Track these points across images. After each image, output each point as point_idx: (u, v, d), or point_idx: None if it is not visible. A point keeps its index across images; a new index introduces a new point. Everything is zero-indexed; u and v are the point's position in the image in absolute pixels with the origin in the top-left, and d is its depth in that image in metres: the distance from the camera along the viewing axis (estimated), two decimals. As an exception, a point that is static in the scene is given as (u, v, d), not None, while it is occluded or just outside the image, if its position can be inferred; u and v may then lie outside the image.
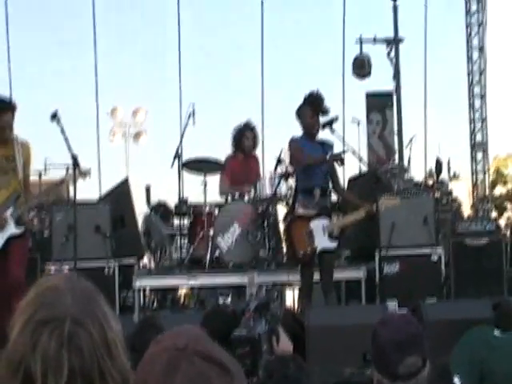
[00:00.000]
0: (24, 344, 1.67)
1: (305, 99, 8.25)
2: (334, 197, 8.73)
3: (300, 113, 8.26)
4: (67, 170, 8.18)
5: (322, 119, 8.26)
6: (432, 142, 14.26)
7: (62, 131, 7.82)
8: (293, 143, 8.36)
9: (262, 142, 11.09)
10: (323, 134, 8.36)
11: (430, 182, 11.72)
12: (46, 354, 1.66)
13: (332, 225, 8.10)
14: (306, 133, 8.29)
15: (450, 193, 11.98)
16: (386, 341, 3.10)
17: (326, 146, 8.32)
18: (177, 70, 14.05)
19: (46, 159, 11.07)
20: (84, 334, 1.68)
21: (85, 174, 7.97)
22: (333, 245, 8.08)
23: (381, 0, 16.15)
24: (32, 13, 15.83)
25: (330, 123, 8.24)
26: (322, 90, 8.44)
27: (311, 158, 8.17)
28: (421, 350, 3.09)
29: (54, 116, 7.83)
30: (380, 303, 8.47)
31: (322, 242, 8.05)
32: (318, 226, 8.05)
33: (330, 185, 8.39)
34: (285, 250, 9.25)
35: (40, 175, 11.01)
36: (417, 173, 12.72)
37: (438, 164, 11.18)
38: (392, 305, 8.18)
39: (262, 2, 14.33)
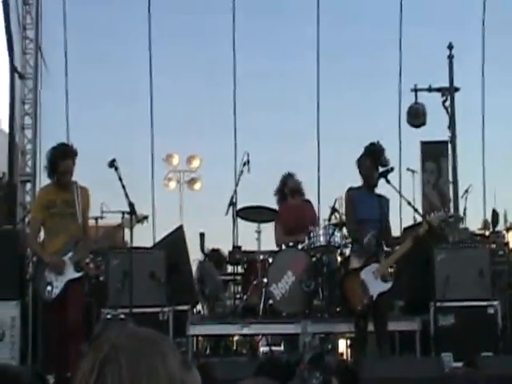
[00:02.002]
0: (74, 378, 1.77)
1: (365, 150, 8.27)
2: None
3: (360, 163, 8.27)
4: (123, 215, 8.29)
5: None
6: (489, 192, 14.11)
7: (120, 179, 7.94)
8: (348, 195, 8.39)
9: (318, 191, 11.11)
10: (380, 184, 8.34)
11: (486, 233, 11.58)
12: (82, 378, 1.73)
13: (382, 267, 8.02)
14: (364, 183, 8.30)
15: (507, 244, 11.82)
16: None
17: (383, 200, 8.31)
18: (231, 118, 14.17)
19: (102, 205, 11.18)
20: (118, 360, 1.73)
21: (141, 220, 8.08)
22: (387, 286, 7.99)
23: (436, 49, 16.13)
24: (90, 63, 16.12)
25: (385, 174, 8.23)
26: (377, 139, 8.46)
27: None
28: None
29: (112, 164, 7.97)
30: (435, 356, 8.35)
31: (376, 287, 7.97)
32: (368, 273, 8.00)
33: None
34: (340, 301, 9.18)
35: (96, 221, 11.14)
36: (473, 223, 12.58)
37: (495, 214, 11.07)
38: (447, 358, 8.07)
39: (318, 51, 14.42)
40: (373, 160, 8.16)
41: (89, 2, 15.60)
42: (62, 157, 7.68)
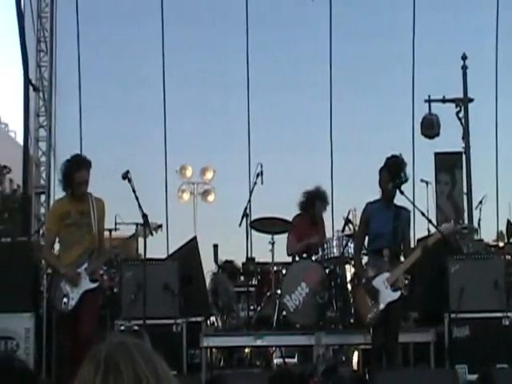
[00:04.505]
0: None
1: (385, 162, 8.22)
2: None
3: (381, 174, 8.22)
4: (137, 226, 8.31)
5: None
6: (503, 203, 14.06)
7: (133, 191, 7.96)
8: (364, 211, 8.35)
9: (332, 202, 11.09)
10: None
11: (501, 244, 11.53)
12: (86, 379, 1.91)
13: (392, 276, 7.98)
14: (382, 196, 8.26)
15: (522, 255, 11.77)
16: None
17: (403, 212, 8.24)
18: (245, 129, 14.19)
19: (116, 217, 11.20)
20: (123, 354, 1.89)
21: (156, 229, 8.09)
22: (396, 294, 7.95)
23: (450, 59, 16.13)
24: (104, 76, 16.20)
25: (398, 185, 8.20)
26: (391, 149, 8.43)
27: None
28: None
29: (126, 176, 7.99)
30: (450, 367, 8.31)
31: (386, 297, 7.94)
32: (379, 282, 7.97)
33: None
34: (353, 311, 9.17)
35: (110, 233, 11.17)
36: (487, 234, 12.54)
37: (509, 225, 11.02)
38: (462, 370, 8.03)
39: (331, 62, 14.43)
40: (391, 174, 8.10)
41: (102, 17, 15.67)
42: (78, 168, 7.70)
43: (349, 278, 9.62)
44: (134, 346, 1.85)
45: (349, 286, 9.48)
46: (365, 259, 8.50)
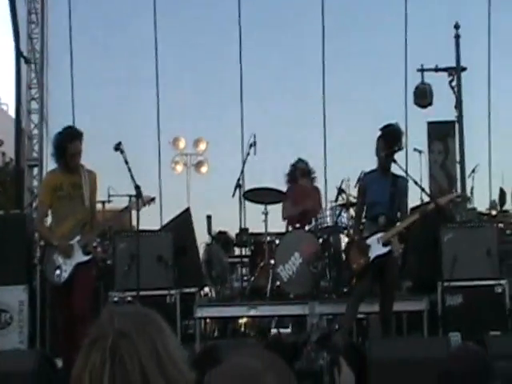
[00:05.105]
0: (79, 365, 1.78)
1: (381, 131, 8.19)
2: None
3: (377, 143, 8.21)
4: (130, 198, 8.30)
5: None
6: (496, 172, 14.07)
7: (126, 162, 7.95)
8: (361, 181, 8.39)
9: (325, 172, 11.11)
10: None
11: (494, 213, 11.56)
12: (93, 369, 1.75)
13: (386, 234, 8.01)
14: (378, 165, 8.26)
15: (514, 223, 11.80)
16: (463, 374, 3.07)
17: (400, 180, 8.25)
18: (238, 100, 14.15)
19: (108, 189, 11.19)
20: (127, 346, 1.76)
21: (148, 202, 8.09)
22: (385, 249, 7.97)
23: (443, 28, 16.07)
24: (96, 48, 16.12)
25: (392, 154, 8.19)
26: (384, 119, 8.41)
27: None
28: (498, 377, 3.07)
29: (118, 147, 7.97)
30: (443, 335, 8.35)
31: (375, 250, 7.98)
32: (373, 240, 8.01)
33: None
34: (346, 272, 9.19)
35: (103, 205, 11.17)
36: (480, 203, 12.55)
37: (502, 194, 11.06)
38: (455, 337, 8.07)
39: (324, 31, 14.36)
40: (387, 143, 8.09)
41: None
42: (71, 139, 7.67)
43: (342, 247, 9.65)
44: (138, 333, 1.78)
45: (342, 256, 9.50)
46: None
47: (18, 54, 12.37)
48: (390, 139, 8.11)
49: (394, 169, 8.29)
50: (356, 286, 8.20)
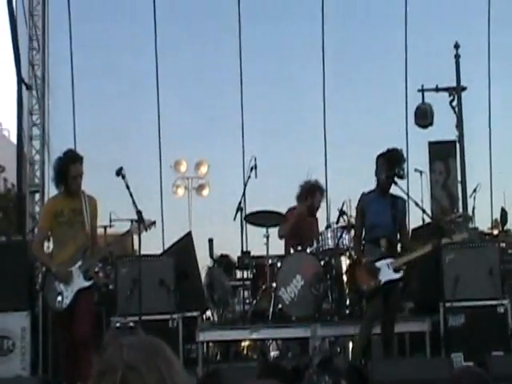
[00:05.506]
0: None
1: (386, 154, 8.19)
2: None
3: (378, 165, 8.22)
4: (132, 223, 8.32)
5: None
6: (497, 191, 14.08)
7: (127, 187, 7.97)
8: (359, 202, 8.37)
9: (326, 193, 11.11)
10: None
11: (496, 232, 11.55)
12: None
13: (397, 261, 8.02)
14: (378, 186, 8.26)
15: (516, 243, 11.78)
16: None
17: (399, 202, 8.26)
18: (239, 123, 14.18)
19: (110, 214, 11.21)
20: (136, 379, 1.76)
21: (149, 226, 8.10)
22: (397, 275, 7.98)
23: (443, 48, 16.13)
24: (97, 73, 16.18)
25: (394, 177, 8.20)
26: (385, 140, 8.43)
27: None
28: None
29: (119, 172, 8.00)
30: (445, 356, 8.33)
31: (386, 275, 7.97)
32: (382, 264, 8.01)
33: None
34: (348, 294, 9.16)
35: (105, 230, 11.18)
36: (482, 223, 12.55)
37: (504, 213, 11.04)
38: (458, 358, 8.05)
39: (324, 53, 14.42)
40: (389, 165, 8.10)
41: (94, 14, 15.65)
42: (72, 162, 7.72)
43: (344, 269, 9.63)
44: (146, 366, 1.78)
45: (344, 278, 9.49)
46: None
47: (20, 80, 12.43)
48: (392, 161, 8.13)
49: (395, 190, 8.31)
50: (368, 309, 8.19)
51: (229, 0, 14.67)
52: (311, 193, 10.24)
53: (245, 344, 10.67)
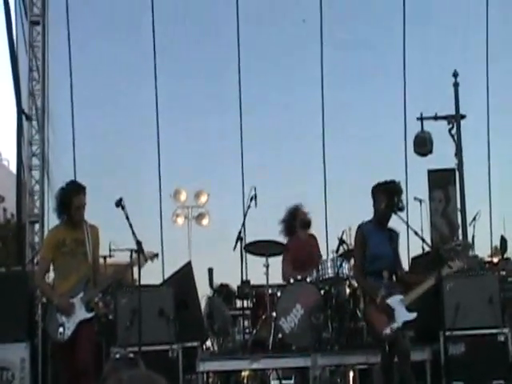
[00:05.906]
0: None
1: (384, 186, 8.16)
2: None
3: (376, 196, 8.21)
4: (131, 253, 8.32)
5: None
6: (497, 219, 14.08)
7: (127, 218, 7.97)
8: (358, 232, 8.25)
9: (326, 222, 11.14)
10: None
11: (495, 260, 11.54)
12: None
13: (407, 298, 7.97)
14: (376, 218, 8.23)
15: (516, 271, 11.77)
16: None
17: (394, 234, 8.26)
18: (239, 153, 14.23)
19: (110, 243, 11.21)
20: None
21: (150, 258, 8.09)
22: (413, 315, 7.93)
23: (441, 77, 16.17)
24: (96, 103, 16.22)
25: (395, 210, 8.19)
26: (384, 168, 8.43)
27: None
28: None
29: (119, 203, 8.00)
30: (446, 385, 8.31)
31: (403, 316, 7.91)
32: (395, 301, 7.92)
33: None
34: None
35: (105, 260, 11.18)
36: (481, 250, 12.54)
37: (503, 241, 11.04)
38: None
39: (322, 81, 14.49)
40: (389, 197, 8.09)
41: (94, 45, 15.71)
42: (76, 192, 7.75)
43: (347, 297, 9.59)
44: None
45: (345, 307, 9.47)
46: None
47: (20, 110, 12.50)
48: (392, 192, 8.11)
49: (392, 219, 8.30)
50: (385, 356, 7.95)
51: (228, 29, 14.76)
52: (294, 217, 10.30)
53: (245, 374, 10.64)
